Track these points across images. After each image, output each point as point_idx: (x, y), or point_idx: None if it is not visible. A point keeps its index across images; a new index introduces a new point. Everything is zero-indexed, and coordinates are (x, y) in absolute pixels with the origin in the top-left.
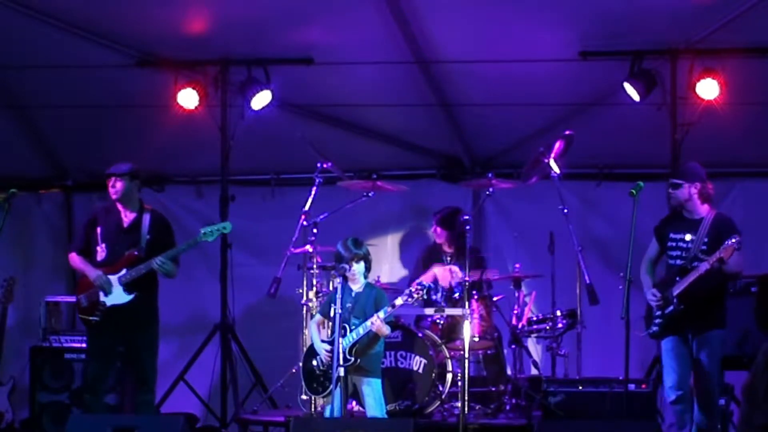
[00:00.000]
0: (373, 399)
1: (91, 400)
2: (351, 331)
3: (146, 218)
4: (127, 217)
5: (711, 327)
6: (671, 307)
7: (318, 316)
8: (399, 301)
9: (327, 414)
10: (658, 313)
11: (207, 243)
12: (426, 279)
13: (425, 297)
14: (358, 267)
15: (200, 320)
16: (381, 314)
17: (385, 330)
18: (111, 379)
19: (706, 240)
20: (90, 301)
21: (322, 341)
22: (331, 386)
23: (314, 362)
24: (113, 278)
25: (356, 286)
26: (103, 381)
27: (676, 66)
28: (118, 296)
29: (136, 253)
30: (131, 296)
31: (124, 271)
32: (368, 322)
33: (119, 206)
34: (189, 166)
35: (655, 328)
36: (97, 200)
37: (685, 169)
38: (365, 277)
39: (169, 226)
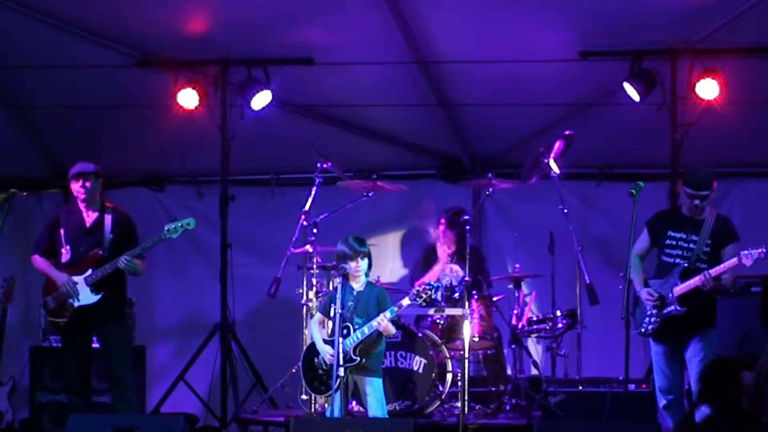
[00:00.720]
0: (375, 399)
1: (77, 401)
2: (355, 330)
3: (108, 218)
4: (90, 216)
5: (710, 326)
6: (671, 308)
7: (318, 315)
8: (406, 302)
9: (327, 413)
10: (654, 311)
11: (207, 243)
12: (431, 277)
13: (433, 297)
14: (363, 264)
15: (200, 320)
16: (388, 314)
17: (392, 330)
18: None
19: (709, 242)
20: (58, 303)
21: (325, 342)
22: (332, 387)
23: (315, 361)
24: (79, 279)
25: (357, 285)
26: (83, 380)
27: (676, 66)
28: (86, 297)
29: (100, 252)
30: (99, 296)
31: (90, 272)
32: (374, 322)
33: (82, 206)
34: (189, 166)
35: (650, 327)
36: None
37: (706, 177)
38: (366, 276)
39: (132, 224)
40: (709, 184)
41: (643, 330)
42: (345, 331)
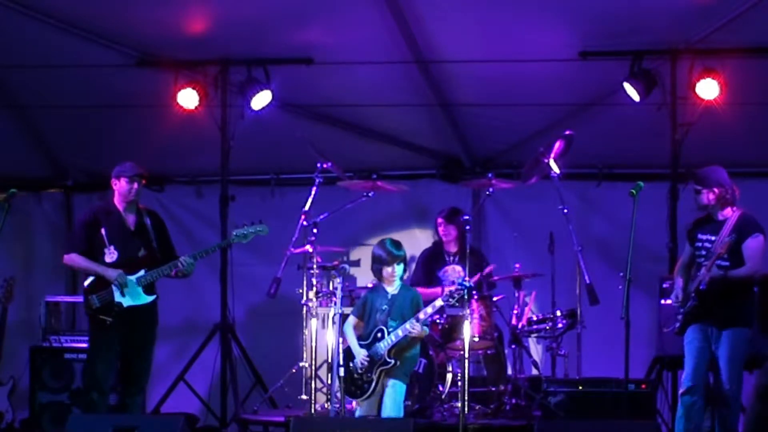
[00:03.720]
0: (392, 400)
1: (99, 399)
2: (389, 333)
3: (147, 220)
4: (129, 218)
5: (728, 325)
6: (690, 303)
7: (352, 318)
8: (438, 303)
9: (357, 414)
10: (681, 309)
11: (207, 243)
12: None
13: (466, 297)
14: (399, 269)
15: (200, 320)
16: (421, 315)
17: (424, 332)
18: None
19: (727, 240)
20: (104, 302)
21: (361, 345)
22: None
23: (351, 365)
24: (130, 279)
25: (391, 288)
26: (109, 379)
27: (676, 66)
28: (137, 297)
29: (154, 255)
30: (152, 297)
31: (142, 272)
32: (407, 325)
33: (120, 207)
34: (189, 166)
35: (677, 324)
36: (97, 200)
37: (703, 174)
38: (401, 279)
39: (165, 224)
40: (700, 179)
41: (673, 329)
42: (379, 335)
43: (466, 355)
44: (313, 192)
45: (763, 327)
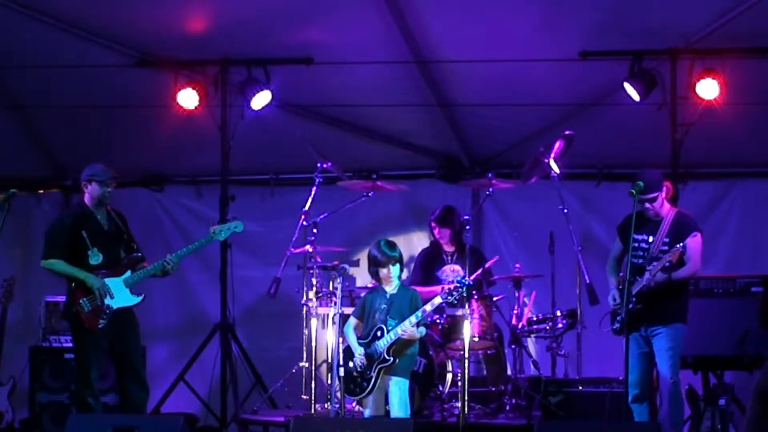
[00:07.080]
0: (398, 398)
1: (95, 402)
2: (388, 332)
3: (117, 220)
4: (102, 219)
5: (667, 321)
6: (633, 306)
7: (353, 319)
8: (437, 300)
9: (366, 415)
10: (621, 310)
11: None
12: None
13: (464, 295)
14: (394, 269)
15: (200, 320)
16: (413, 319)
17: (417, 334)
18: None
19: (666, 240)
20: (94, 306)
21: (360, 345)
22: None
23: (351, 364)
24: (116, 281)
25: (390, 288)
26: (100, 381)
27: (676, 66)
28: (125, 299)
29: (139, 254)
30: (140, 298)
31: (128, 273)
32: (399, 329)
33: (94, 209)
34: (189, 166)
35: (616, 325)
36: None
37: (652, 179)
38: (399, 279)
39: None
40: (652, 184)
41: (613, 329)
42: (379, 333)
43: (466, 355)
44: (313, 192)
45: (763, 325)
